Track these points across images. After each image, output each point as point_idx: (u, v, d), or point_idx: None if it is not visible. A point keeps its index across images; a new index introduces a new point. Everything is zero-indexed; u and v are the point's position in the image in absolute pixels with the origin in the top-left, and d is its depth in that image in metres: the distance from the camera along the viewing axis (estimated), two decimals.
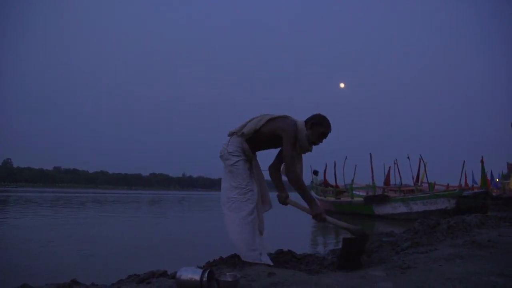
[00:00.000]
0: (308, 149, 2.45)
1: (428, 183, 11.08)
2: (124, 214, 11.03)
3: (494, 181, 18.11)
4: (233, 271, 1.93)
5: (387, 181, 13.14)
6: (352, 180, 12.58)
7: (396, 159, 12.90)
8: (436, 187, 11.37)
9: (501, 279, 1.69)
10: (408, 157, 12.26)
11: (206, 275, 1.42)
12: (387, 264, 2.13)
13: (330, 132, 2.45)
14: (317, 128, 2.39)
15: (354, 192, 12.17)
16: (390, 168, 13.17)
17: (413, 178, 12.22)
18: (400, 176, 12.89)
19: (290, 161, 2.29)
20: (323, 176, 14.31)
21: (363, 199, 11.25)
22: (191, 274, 1.43)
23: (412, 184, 12.00)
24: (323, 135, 2.42)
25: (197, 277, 1.42)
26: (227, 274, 1.58)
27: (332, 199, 12.98)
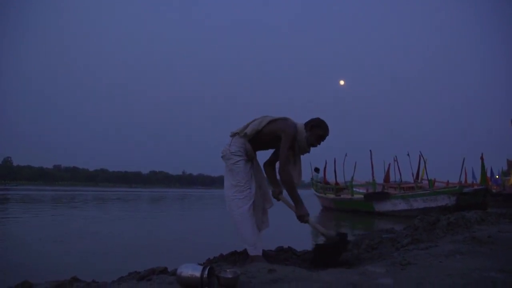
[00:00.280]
0: (306, 150, 2.59)
1: (428, 180, 11.10)
2: (124, 212, 11.05)
3: (494, 178, 18.11)
4: (233, 267, 1.94)
5: (387, 178, 13.15)
6: (352, 177, 12.59)
7: (396, 156, 12.91)
8: (436, 184, 11.40)
9: (501, 275, 1.70)
10: (408, 154, 12.27)
11: (206, 271, 1.42)
12: (387, 261, 2.13)
13: (328, 135, 2.59)
14: (316, 131, 2.53)
15: (354, 189, 12.19)
16: (390, 165, 13.18)
17: (413, 175, 12.23)
18: (400, 173, 12.92)
19: (285, 161, 2.41)
20: (323, 173, 14.31)
21: (363, 196, 11.27)
22: (192, 271, 1.43)
23: (412, 181, 12.01)
24: (321, 137, 2.57)
25: (197, 273, 1.41)
26: (228, 270, 1.58)
27: (332, 196, 13.00)
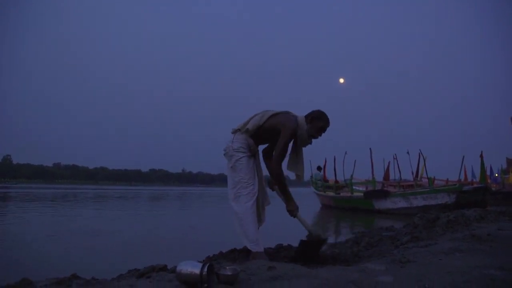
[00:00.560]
0: (308, 142, 2.57)
1: (427, 178, 11.10)
2: (124, 209, 11.06)
3: (493, 176, 18.12)
4: (233, 265, 1.93)
5: (386, 176, 13.15)
6: (351, 175, 12.59)
7: (395, 154, 12.91)
8: (435, 182, 11.40)
9: (500, 273, 1.70)
10: (408, 152, 12.27)
11: (206, 269, 1.42)
12: (387, 258, 2.13)
13: (329, 127, 2.57)
14: (316, 123, 2.51)
15: (354, 188, 12.19)
16: (389, 163, 13.18)
17: (412, 173, 12.23)
18: (400, 171, 12.91)
19: (279, 156, 2.43)
20: (323, 171, 14.32)
21: (363, 194, 11.27)
22: (191, 268, 1.43)
23: (412, 179, 12.02)
24: (322, 129, 2.55)
25: (197, 271, 1.41)
26: (227, 267, 1.58)
27: (332, 194, 13.00)
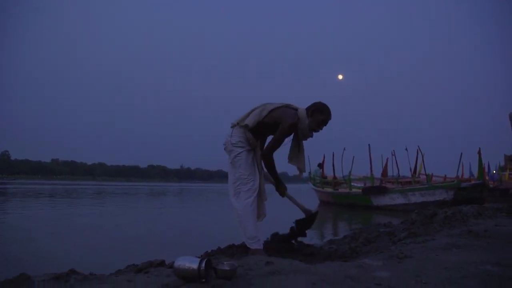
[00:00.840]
0: (309, 135, 2.53)
1: (425, 174, 11.12)
2: (122, 205, 11.05)
3: (491, 172, 18.18)
4: (231, 260, 1.94)
5: (384, 172, 13.17)
6: (350, 172, 12.61)
7: (393, 151, 12.92)
8: (433, 178, 11.43)
9: (497, 268, 1.71)
10: (406, 148, 12.29)
11: (203, 264, 1.42)
12: (384, 254, 2.14)
13: (330, 120, 2.50)
14: (317, 116, 2.45)
15: (352, 184, 12.21)
16: (387, 159, 13.20)
17: (410, 170, 12.25)
18: (398, 167, 12.93)
19: (272, 148, 2.50)
20: (321, 167, 14.34)
21: (361, 190, 11.29)
22: (189, 263, 1.43)
23: (410, 175, 12.04)
24: (323, 122, 2.49)
25: (194, 266, 1.41)
26: (225, 263, 1.58)
27: (330, 190, 13.02)
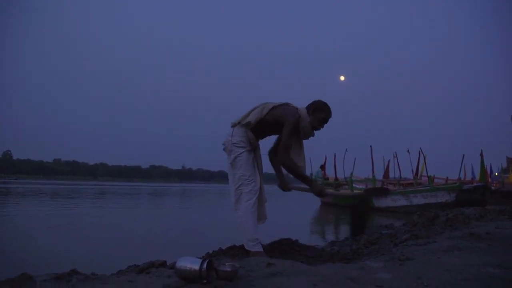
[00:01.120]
0: (311, 134, 2.53)
1: (427, 176, 11.11)
2: (124, 206, 11.07)
3: (493, 174, 18.13)
4: (232, 261, 1.94)
5: (386, 174, 13.16)
6: (351, 173, 12.60)
7: (395, 152, 12.91)
8: (435, 180, 11.41)
9: (499, 271, 1.70)
10: (408, 150, 12.27)
11: (205, 265, 1.42)
12: (386, 256, 2.13)
13: (331, 117, 2.53)
14: (318, 114, 2.47)
15: (354, 185, 12.20)
16: (389, 161, 13.19)
17: (412, 172, 12.24)
18: (400, 169, 12.92)
19: (285, 147, 2.41)
20: (323, 169, 14.34)
21: (363, 192, 11.26)
22: (190, 264, 1.43)
23: (412, 177, 12.02)
24: (324, 120, 2.51)
25: (196, 267, 1.41)
26: (226, 264, 1.58)
27: (332, 191, 13.01)
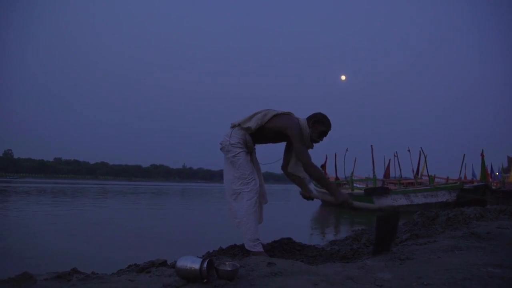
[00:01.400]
0: (310, 146, 2.53)
1: (428, 175, 11.12)
2: (126, 205, 11.08)
3: (494, 174, 18.13)
4: (232, 261, 1.94)
5: (387, 173, 13.16)
6: (352, 172, 12.60)
7: (396, 152, 12.92)
8: (435, 180, 11.41)
9: (499, 270, 1.70)
10: (409, 150, 12.28)
11: (205, 264, 1.42)
12: (386, 255, 2.13)
13: (330, 130, 2.55)
14: (318, 127, 2.49)
15: (354, 185, 12.21)
16: (390, 160, 13.19)
17: (413, 171, 12.24)
18: (400, 168, 12.93)
19: (305, 156, 2.36)
20: (324, 168, 14.34)
21: (363, 191, 11.28)
22: (191, 263, 1.43)
23: (412, 177, 12.03)
24: (324, 133, 2.53)
25: (196, 266, 1.42)
26: (227, 263, 1.58)
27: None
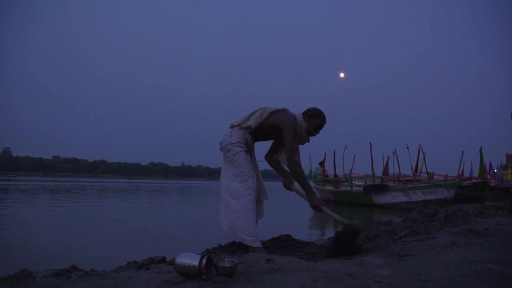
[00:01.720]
0: (306, 140, 2.62)
1: (427, 173, 11.13)
2: (125, 202, 11.09)
3: (492, 171, 18.18)
4: (231, 257, 1.94)
5: (385, 171, 13.17)
6: (351, 170, 12.61)
7: (395, 149, 12.91)
8: (434, 177, 11.42)
9: (497, 266, 1.71)
10: (407, 147, 12.28)
11: (204, 261, 1.42)
12: (385, 252, 2.14)
13: (325, 124, 2.64)
14: (314, 120, 2.58)
15: (353, 182, 12.22)
16: (388, 157, 13.19)
17: (412, 168, 12.25)
18: (399, 166, 12.93)
19: (292, 153, 2.44)
20: (322, 165, 14.35)
21: (362, 188, 11.30)
22: (190, 260, 1.43)
23: (411, 174, 12.04)
24: (319, 126, 2.62)
25: (195, 262, 1.42)
26: (226, 260, 1.58)
27: (331, 188, 13.03)
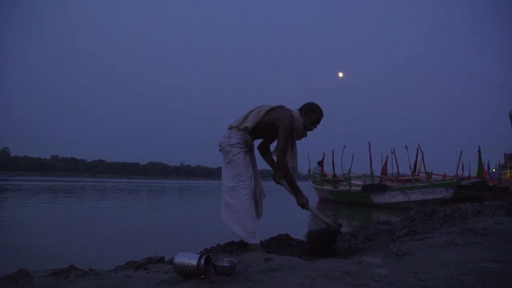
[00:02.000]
0: (304, 135, 2.62)
1: (425, 172, 11.14)
2: (125, 202, 11.08)
3: (490, 171, 18.21)
4: (230, 257, 1.94)
5: (384, 170, 13.18)
6: (349, 169, 12.62)
7: (393, 149, 12.93)
8: (433, 177, 11.44)
9: (495, 265, 1.71)
10: (406, 146, 12.30)
11: (203, 260, 1.42)
12: (383, 251, 2.14)
13: (322, 118, 2.64)
14: (311, 115, 2.58)
15: (352, 182, 12.23)
16: (387, 157, 13.21)
17: (410, 168, 12.27)
18: (398, 165, 12.95)
19: (283, 151, 2.47)
20: (321, 165, 14.35)
21: (361, 188, 11.30)
22: (188, 259, 1.43)
23: (409, 173, 12.06)
24: (316, 121, 2.62)
25: (194, 262, 1.42)
26: (224, 259, 1.58)
27: (330, 188, 13.03)
